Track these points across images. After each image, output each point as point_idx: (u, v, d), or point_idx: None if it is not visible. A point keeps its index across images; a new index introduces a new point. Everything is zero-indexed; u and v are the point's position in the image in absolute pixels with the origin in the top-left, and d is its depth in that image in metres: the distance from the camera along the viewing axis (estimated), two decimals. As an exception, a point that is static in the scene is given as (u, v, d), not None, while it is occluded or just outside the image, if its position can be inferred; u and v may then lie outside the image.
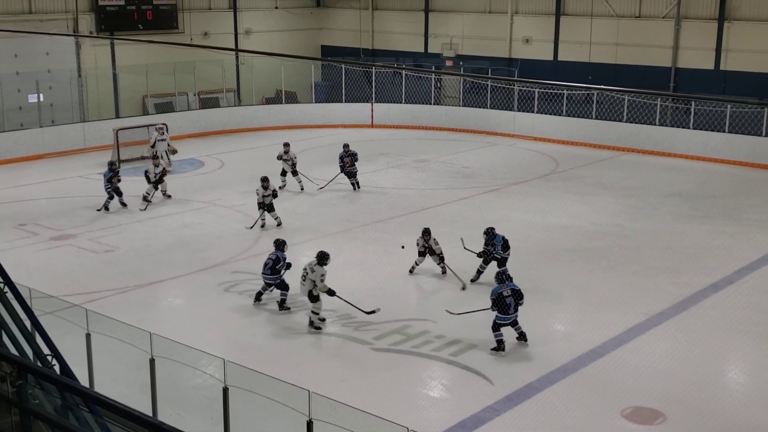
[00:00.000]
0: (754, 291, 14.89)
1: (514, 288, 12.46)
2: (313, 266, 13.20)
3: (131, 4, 30.55)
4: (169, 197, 21.01)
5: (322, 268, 13.21)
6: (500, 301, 12.32)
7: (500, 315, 12.34)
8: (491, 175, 23.61)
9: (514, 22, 32.20)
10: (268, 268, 14.01)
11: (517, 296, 12.41)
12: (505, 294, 12.34)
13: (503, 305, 12.31)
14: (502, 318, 12.36)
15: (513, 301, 12.32)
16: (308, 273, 13.17)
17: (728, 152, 25.29)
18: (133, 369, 10.69)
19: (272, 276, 14.02)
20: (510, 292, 12.37)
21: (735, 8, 27.24)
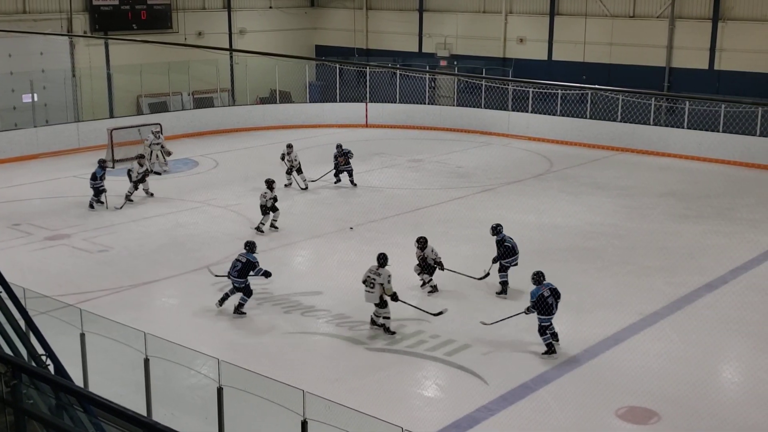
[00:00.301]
0: (748, 290, 14.92)
1: (551, 287, 12.30)
2: (377, 270, 12.86)
3: (125, 3, 30.50)
4: (152, 195, 20.99)
5: (386, 269, 12.93)
6: (542, 303, 12.13)
7: (544, 317, 12.16)
8: (485, 175, 23.63)
9: (508, 21, 32.24)
10: (236, 270, 13.65)
11: (556, 295, 12.26)
12: (545, 295, 12.18)
13: (545, 306, 12.13)
14: (546, 319, 12.17)
15: (554, 300, 12.18)
16: (375, 278, 12.80)
17: (722, 152, 25.35)
18: (127, 369, 10.67)
19: (239, 279, 13.65)
20: (549, 293, 12.22)
21: (729, 8, 27.31)
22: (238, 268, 13.69)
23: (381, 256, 13.03)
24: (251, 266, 13.74)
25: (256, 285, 14.92)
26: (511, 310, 13.13)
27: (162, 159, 24.04)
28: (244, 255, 13.88)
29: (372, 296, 12.89)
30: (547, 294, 12.19)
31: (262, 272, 13.89)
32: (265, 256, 16.61)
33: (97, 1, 29.65)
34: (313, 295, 14.52)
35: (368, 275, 12.92)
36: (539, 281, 12.38)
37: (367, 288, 12.90)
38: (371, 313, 13.07)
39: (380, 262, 12.99)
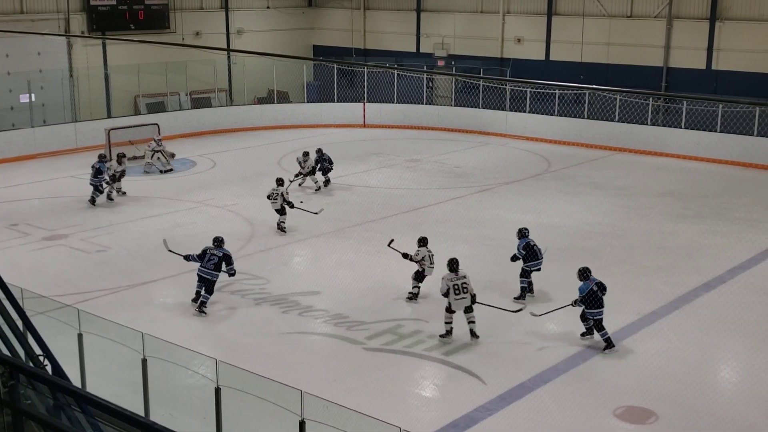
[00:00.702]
0: (745, 290, 14.94)
1: (597, 281, 12.50)
2: (459, 275, 12.80)
3: (123, 3, 30.48)
4: (124, 194, 21.04)
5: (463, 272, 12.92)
6: (593, 297, 12.32)
7: (593, 310, 12.37)
8: (483, 175, 23.63)
9: (505, 21, 32.24)
10: (212, 263, 13.71)
11: (602, 289, 12.45)
12: (594, 289, 12.37)
13: (596, 300, 12.32)
14: (597, 313, 12.35)
15: (601, 294, 12.36)
16: (467, 284, 12.78)
17: (720, 152, 25.37)
18: (125, 369, 10.67)
19: (215, 272, 13.71)
20: (597, 287, 12.41)
21: (726, 8, 27.33)
22: (215, 261, 13.77)
23: (455, 261, 12.98)
24: (228, 259, 13.92)
25: (254, 285, 14.94)
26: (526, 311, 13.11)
27: (164, 158, 24.09)
28: (218, 249, 13.94)
29: (465, 301, 12.75)
30: (596, 288, 12.39)
31: (233, 269, 14.04)
32: (263, 256, 16.65)
33: (94, 1, 29.63)
34: (311, 295, 14.52)
35: (456, 283, 12.74)
36: (587, 277, 12.55)
37: (461, 295, 12.73)
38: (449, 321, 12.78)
39: (455, 266, 12.92)
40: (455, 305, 12.76)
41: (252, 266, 15.98)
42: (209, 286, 13.77)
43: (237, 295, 14.57)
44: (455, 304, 12.75)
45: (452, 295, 12.75)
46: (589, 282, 12.46)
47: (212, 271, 13.76)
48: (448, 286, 12.77)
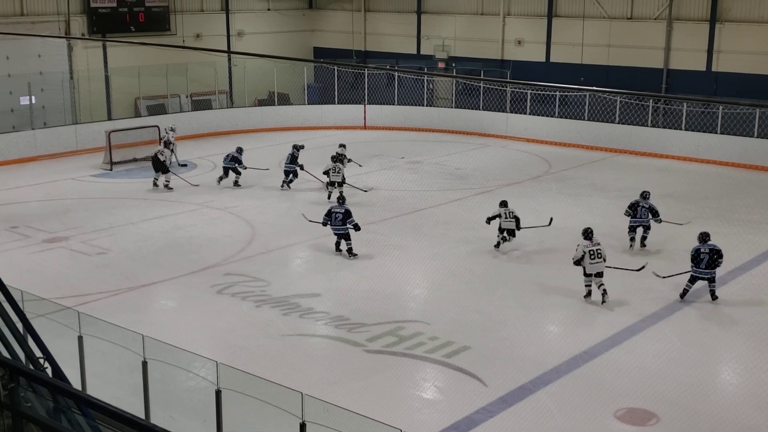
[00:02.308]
0: (746, 291, 14.92)
1: (713, 247, 14.10)
2: (597, 243, 14.37)
3: (123, 6, 30.51)
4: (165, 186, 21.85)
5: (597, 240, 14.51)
6: (695, 256, 14.07)
7: (696, 268, 14.09)
8: (484, 177, 23.62)
9: (506, 23, 32.25)
10: (339, 220, 16.48)
11: (713, 255, 14.01)
12: (703, 251, 14.09)
13: (696, 259, 14.05)
14: (698, 271, 14.09)
15: (708, 257, 13.99)
16: (601, 250, 14.29)
17: (720, 153, 25.37)
18: (125, 371, 10.66)
19: (343, 226, 16.50)
20: (708, 250, 14.07)
21: (727, 10, 27.34)
22: (340, 218, 16.49)
23: (590, 230, 14.58)
24: (348, 215, 16.50)
25: (254, 287, 14.94)
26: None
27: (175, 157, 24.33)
28: (341, 207, 16.77)
29: (599, 266, 14.25)
30: (704, 251, 14.10)
31: (354, 222, 16.52)
32: (264, 258, 16.66)
33: (94, 3, 29.65)
34: (311, 297, 14.51)
35: (591, 249, 14.23)
36: (702, 240, 14.27)
37: (597, 260, 14.22)
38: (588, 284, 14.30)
39: (590, 235, 14.45)
40: (590, 269, 14.23)
41: (253, 268, 15.98)
42: (345, 237, 16.54)
43: (237, 297, 14.56)
44: (590, 267, 14.23)
45: (587, 260, 14.21)
46: (702, 245, 14.18)
47: (341, 226, 16.50)
48: (584, 252, 14.24)
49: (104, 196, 21.60)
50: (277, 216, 19.64)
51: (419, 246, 17.43)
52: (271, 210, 20.16)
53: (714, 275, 14.18)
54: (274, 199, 21.22)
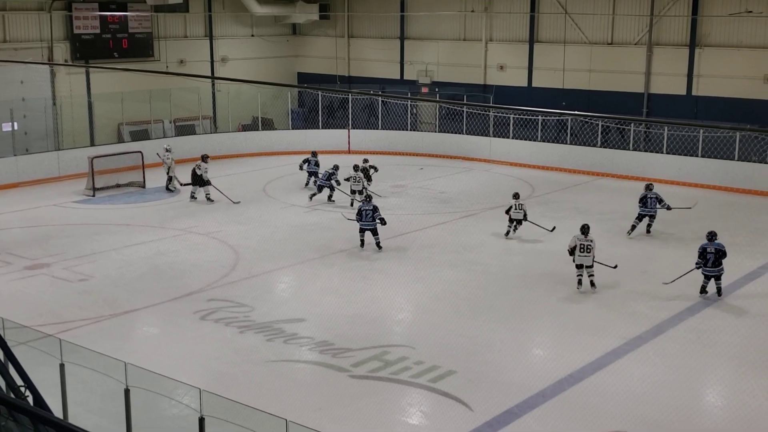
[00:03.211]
0: (729, 314, 15.00)
1: (718, 246, 15.36)
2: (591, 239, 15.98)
3: (107, 32, 30.52)
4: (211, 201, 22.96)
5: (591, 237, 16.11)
6: (702, 254, 15.40)
7: (705, 267, 15.39)
8: (468, 200, 23.69)
9: (488, 49, 32.50)
10: (369, 216, 18.36)
11: (719, 254, 15.29)
12: (709, 250, 15.35)
13: (703, 257, 15.37)
14: (707, 270, 15.41)
15: (714, 256, 15.26)
16: (591, 244, 15.88)
17: (702, 176, 25.56)
18: (107, 399, 10.56)
19: (373, 222, 18.40)
20: (713, 249, 15.33)
21: (706, 34, 27.68)
22: (370, 214, 18.33)
23: (587, 226, 16.26)
24: (376, 210, 18.44)
25: (238, 313, 14.86)
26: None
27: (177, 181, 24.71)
28: (368, 204, 18.57)
29: (587, 259, 15.87)
30: (710, 250, 15.35)
31: (381, 216, 18.46)
32: (248, 284, 16.59)
33: (78, 30, 29.65)
34: (296, 323, 14.45)
35: (581, 243, 15.84)
36: (709, 239, 15.50)
37: (585, 253, 15.85)
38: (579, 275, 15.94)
39: (587, 231, 16.11)
40: (578, 260, 15.90)
41: (236, 294, 15.91)
42: (373, 231, 18.49)
43: (221, 323, 14.48)
44: (578, 259, 15.90)
45: (577, 251, 15.87)
46: (708, 243, 15.38)
47: (371, 221, 18.41)
48: (576, 244, 15.90)
49: (87, 222, 21.49)
50: (261, 241, 19.59)
51: (404, 270, 17.43)
52: (255, 235, 20.12)
53: (721, 272, 15.45)
54: (258, 223, 21.18)
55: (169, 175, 24.71)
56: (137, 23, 31.32)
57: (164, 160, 24.68)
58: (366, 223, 18.51)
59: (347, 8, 36.02)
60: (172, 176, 24.73)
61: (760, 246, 18.59)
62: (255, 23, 35.63)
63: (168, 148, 24.97)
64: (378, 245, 18.57)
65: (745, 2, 26.44)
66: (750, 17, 26.55)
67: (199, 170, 23.22)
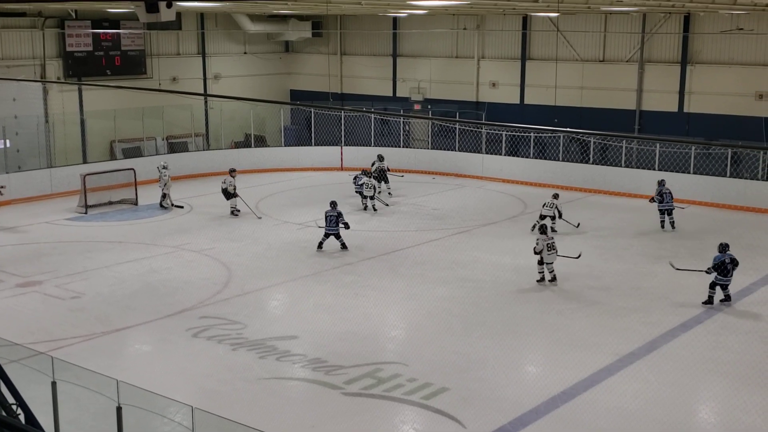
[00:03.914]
0: (722, 330, 15.02)
1: (732, 257, 15.76)
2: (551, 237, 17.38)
3: (99, 49, 30.55)
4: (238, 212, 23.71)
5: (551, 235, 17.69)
6: (722, 267, 15.63)
7: (720, 277, 15.72)
8: (461, 217, 23.72)
9: (480, 66, 32.64)
10: (332, 222, 19.34)
11: (734, 264, 15.75)
12: (726, 261, 15.64)
13: (724, 269, 15.65)
14: (721, 279, 15.75)
15: (731, 267, 15.67)
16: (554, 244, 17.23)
17: (694, 193, 25.65)
18: (99, 417, 10.50)
19: (336, 227, 19.43)
20: (729, 260, 15.70)
21: (697, 52, 27.86)
22: (333, 220, 19.37)
23: (545, 226, 18.01)
24: (340, 215, 19.52)
25: (231, 330, 14.81)
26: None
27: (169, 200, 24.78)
28: (333, 210, 19.52)
29: (553, 255, 17.21)
30: (727, 261, 15.67)
31: (344, 221, 19.60)
32: (240, 301, 16.55)
33: (70, 47, 29.68)
34: (288, 340, 14.41)
35: (548, 243, 17.10)
36: (723, 250, 15.86)
37: (552, 251, 17.16)
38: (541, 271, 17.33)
39: (546, 231, 17.54)
40: (547, 258, 17.16)
41: (229, 311, 15.87)
42: (336, 235, 19.48)
43: (213, 340, 14.43)
44: (547, 257, 17.15)
45: (545, 251, 17.07)
46: (722, 255, 15.75)
47: (335, 227, 19.38)
48: (543, 246, 17.06)
49: (79, 239, 21.43)
50: (254, 258, 19.57)
51: (397, 287, 17.42)
52: (248, 252, 20.10)
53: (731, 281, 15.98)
54: (250, 240, 21.15)
55: (164, 192, 24.70)
56: (130, 41, 31.38)
57: (161, 177, 24.66)
58: (330, 228, 19.45)
59: (340, 26, 36.18)
60: (167, 194, 24.72)
61: (752, 262, 18.63)
62: (248, 41, 35.75)
63: (165, 165, 24.95)
64: (343, 246, 19.62)
65: (737, 20, 26.64)
66: (741, 35, 26.75)
67: (224, 184, 23.64)
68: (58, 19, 29.37)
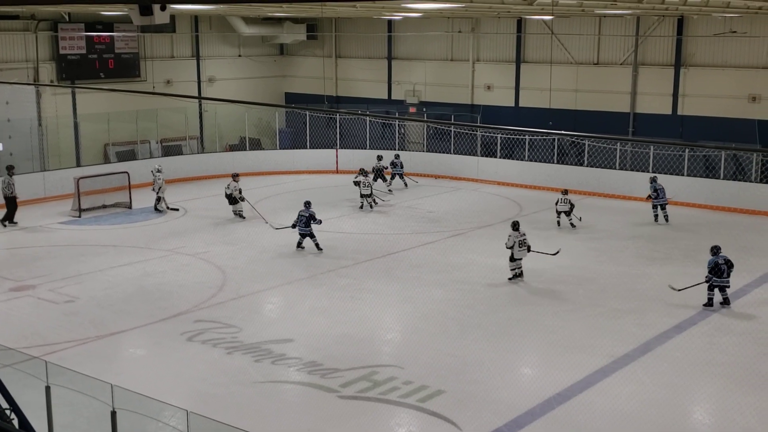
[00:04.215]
0: (716, 332, 15.04)
1: (726, 258, 15.84)
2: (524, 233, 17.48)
3: (93, 52, 30.49)
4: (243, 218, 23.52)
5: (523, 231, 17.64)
6: (717, 268, 15.71)
7: (717, 279, 15.79)
8: (456, 220, 23.72)
9: (475, 69, 32.67)
10: (303, 222, 19.48)
11: (729, 264, 15.80)
12: (720, 262, 15.74)
13: (719, 271, 15.73)
14: (718, 281, 15.80)
15: (726, 267, 15.74)
16: (526, 240, 17.46)
17: (688, 195, 25.71)
18: (94, 422, 10.46)
19: (307, 228, 19.54)
20: (723, 261, 15.79)
21: (691, 54, 27.93)
22: (304, 220, 19.55)
23: (518, 222, 17.83)
24: (312, 216, 19.59)
25: (226, 334, 14.79)
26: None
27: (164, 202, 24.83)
28: (306, 210, 19.64)
29: (524, 252, 17.48)
30: (721, 262, 15.76)
31: (318, 220, 19.74)
32: (235, 304, 16.52)
33: (64, 50, 29.62)
34: (284, 343, 14.38)
35: (520, 239, 17.37)
36: (715, 253, 15.94)
37: (523, 248, 17.42)
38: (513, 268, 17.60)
39: (518, 227, 17.60)
40: (517, 254, 17.40)
41: (224, 314, 15.84)
42: (310, 235, 19.63)
43: (208, 344, 14.40)
44: (518, 253, 17.40)
45: (516, 247, 17.29)
46: (716, 257, 15.81)
47: (306, 227, 19.56)
48: (515, 241, 17.27)
49: (73, 243, 21.38)
50: (248, 261, 19.54)
51: (392, 289, 17.41)
52: (242, 255, 20.07)
53: (729, 283, 15.98)
54: (245, 244, 21.12)
55: (159, 195, 24.67)
56: (124, 43, 31.33)
57: (155, 180, 24.64)
58: (302, 228, 19.69)
59: (335, 28, 36.18)
60: (161, 197, 24.69)
61: (746, 264, 18.68)
62: (242, 43, 35.73)
63: (159, 168, 24.92)
64: (317, 247, 19.78)
65: (730, 22, 26.72)
66: (734, 37, 26.83)
67: (228, 189, 23.52)
68: (52, 22, 29.31)
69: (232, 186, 23.57)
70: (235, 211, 23.66)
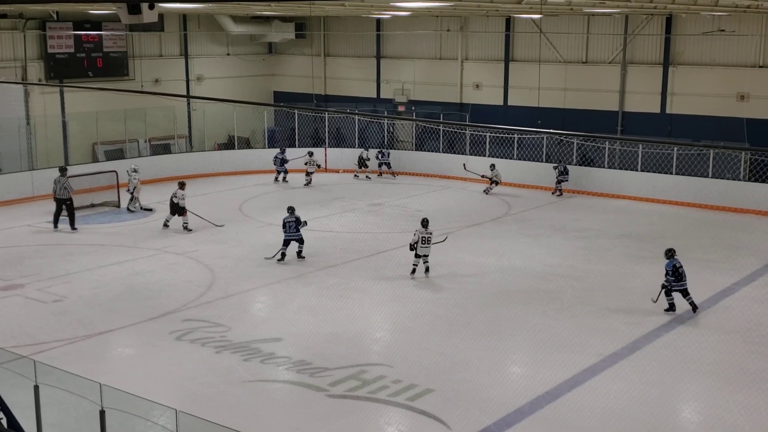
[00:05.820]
0: (704, 330, 15.11)
1: (679, 262, 15.41)
2: (430, 232, 17.62)
3: (81, 51, 30.37)
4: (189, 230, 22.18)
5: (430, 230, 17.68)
6: (675, 272, 15.32)
7: (676, 282, 15.40)
8: (445, 218, 23.72)
9: (464, 68, 32.71)
10: (293, 228, 19.00)
11: (680, 265, 15.39)
12: (677, 265, 15.36)
13: (678, 274, 15.35)
14: (678, 285, 15.41)
15: (684, 270, 15.36)
16: (430, 238, 17.62)
17: (676, 194, 25.82)
18: (83, 421, 10.43)
19: (296, 233, 19.08)
20: (680, 264, 15.41)
21: (679, 53, 28.04)
22: (293, 225, 19.00)
23: (426, 220, 17.91)
24: (298, 220, 19.10)
25: (214, 333, 14.76)
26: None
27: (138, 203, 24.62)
28: (291, 216, 19.14)
29: (428, 249, 17.63)
30: (678, 265, 15.38)
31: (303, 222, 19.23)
32: (224, 303, 16.49)
33: (52, 49, 29.49)
34: (272, 342, 14.37)
35: (423, 236, 17.48)
36: (671, 256, 15.54)
37: (426, 245, 17.56)
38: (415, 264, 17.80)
39: (426, 224, 17.71)
40: (420, 251, 17.58)
41: (212, 314, 15.81)
42: (299, 240, 19.16)
43: (197, 343, 14.37)
44: (420, 250, 17.57)
45: (420, 244, 17.50)
46: (673, 260, 15.41)
47: (294, 233, 19.12)
48: (418, 237, 17.47)
49: (61, 242, 21.29)
50: (237, 260, 19.50)
51: (381, 288, 17.42)
52: (231, 254, 20.03)
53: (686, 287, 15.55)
54: (234, 243, 21.09)
55: (133, 195, 24.50)
56: (112, 42, 31.22)
57: (130, 180, 24.50)
58: (290, 234, 19.17)
59: (323, 27, 36.16)
60: (136, 197, 24.53)
61: (735, 262, 18.78)
62: (230, 42, 35.66)
63: (135, 168, 24.78)
64: (299, 255, 19.23)
65: (718, 21, 26.83)
66: (723, 36, 26.95)
67: (176, 198, 22.14)
68: (40, 21, 29.18)
69: (180, 194, 22.09)
70: (184, 223, 22.15)
